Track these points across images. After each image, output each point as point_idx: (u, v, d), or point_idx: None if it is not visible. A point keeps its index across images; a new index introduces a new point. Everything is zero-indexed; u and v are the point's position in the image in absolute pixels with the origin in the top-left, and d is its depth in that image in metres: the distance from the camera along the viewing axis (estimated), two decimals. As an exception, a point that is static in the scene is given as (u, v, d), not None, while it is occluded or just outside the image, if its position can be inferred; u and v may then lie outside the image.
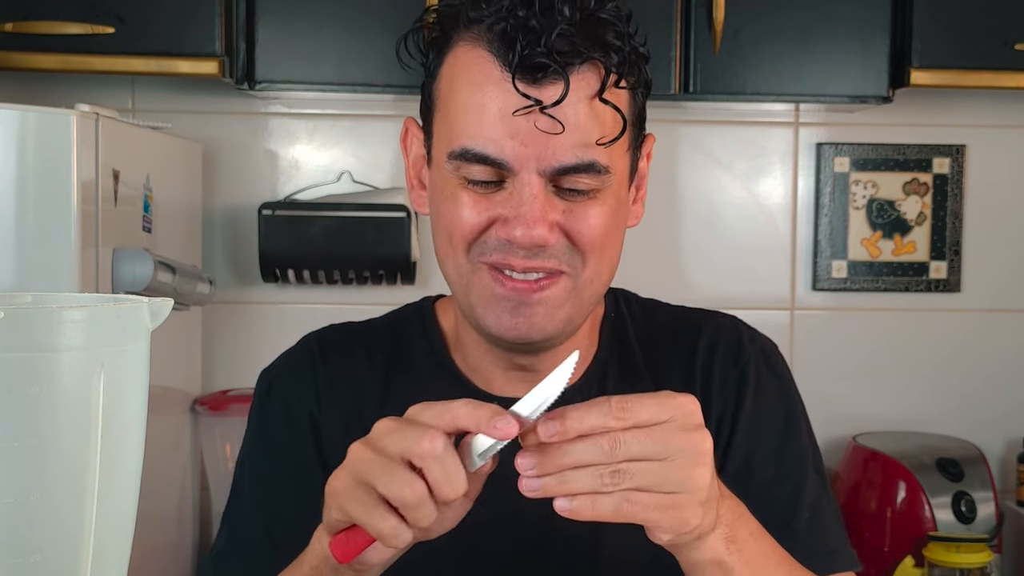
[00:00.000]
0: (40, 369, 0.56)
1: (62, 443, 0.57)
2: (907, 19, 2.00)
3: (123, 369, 0.60)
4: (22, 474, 0.57)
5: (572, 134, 0.96)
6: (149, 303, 0.62)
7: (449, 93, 1.02)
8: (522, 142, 0.96)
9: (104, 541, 0.60)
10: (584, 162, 0.97)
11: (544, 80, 0.95)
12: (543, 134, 0.96)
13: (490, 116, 0.97)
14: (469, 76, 0.99)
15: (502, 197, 0.99)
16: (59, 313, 0.57)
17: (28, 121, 1.53)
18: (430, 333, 1.15)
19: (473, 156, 0.98)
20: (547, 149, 0.96)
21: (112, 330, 0.59)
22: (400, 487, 0.80)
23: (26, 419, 0.56)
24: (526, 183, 0.97)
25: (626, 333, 1.15)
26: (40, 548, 0.58)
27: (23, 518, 0.57)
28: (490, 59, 0.98)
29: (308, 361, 1.16)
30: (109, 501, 0.60)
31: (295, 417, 1.14)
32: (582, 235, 1.00)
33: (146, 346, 0.62)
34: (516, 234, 0.98)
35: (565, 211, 1.00)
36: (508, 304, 1.01)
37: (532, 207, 0.97)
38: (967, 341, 2.38)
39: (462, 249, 1.02)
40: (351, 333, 1.19)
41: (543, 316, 1.02)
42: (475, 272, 1.02)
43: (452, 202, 1.01)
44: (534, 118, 0.95)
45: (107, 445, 0.59)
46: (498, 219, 1.00)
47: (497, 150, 0.97)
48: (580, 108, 0.97)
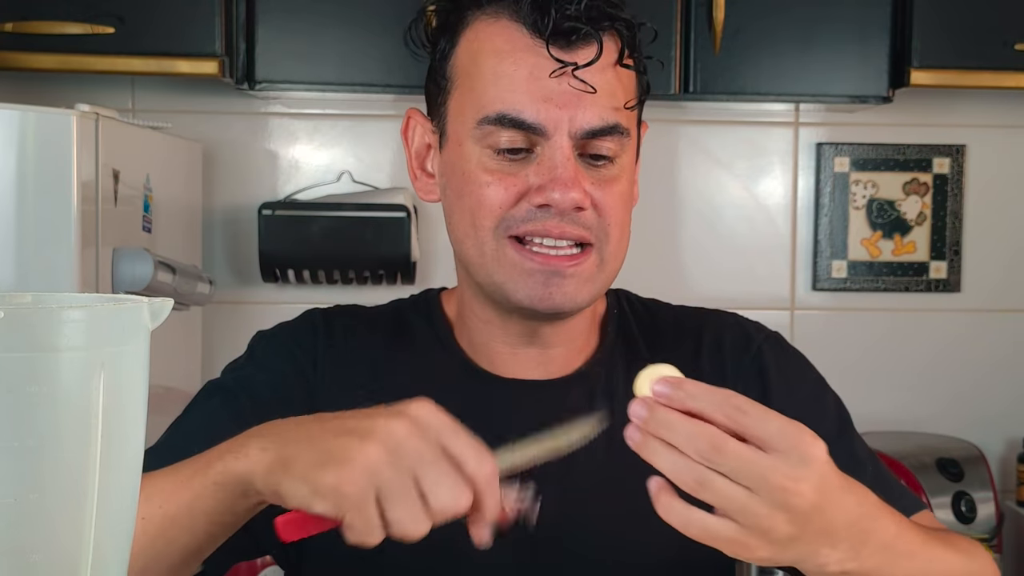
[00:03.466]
0: (40, 369, 0.56)
1: (62, 443, 0.57)
2: (907, 19, 2.00)
3: (123, 369, 0.60)
4: (21, 474, 0.56)
5: (602, 96, 1.01)
6: (149, 303, 0.62)
7: (472, 66, 1.04)
8: (556, 104, 1.00)
9: (104, 541, 0.60)
10: (610, 124, 1.01)
11: (577, 44, 1.00)
12: (576, 96, 1.00)
13: (523, 81, 1.00)
14: (495, 47, 1.02)
15: (531, 168, 1.02)
16: (59, 313, 0.57)
17: (28, 121, 1.53)
18: (434, 317, 1.16)
19: (509, 120, 1.00)
20: (579, 110, 1.00)
21: (112, 330, 0.59)
22: (409, 528, 0.79)
23: (26, 419, 0.56)
24: (559, 147, 1.00)
25: (630, 328, 1.16)
26: (39, 548, 0.58)
27: (22, 518, 0.57)
28: (517, 28, 1.01)
29: (311, 330, 1.16)
30: (109, 501, 0.60)
31: (285, 365, 1.12)
32: (608, 206, 1.03)
33: (146, 346, 0.62)
34: (555, 196, 1.00)
35: (593, 182, 1.03)
36: (540, 276, 1.03)
37: (567, 168, 1.00)
38: (967, 341, 2.38)
39: (488, 227, 1.03)
40: (357, 317, 1.20)
41: (574, 288, 1.03)
42: (501, 249, 1.03)
43: (476, 181, 1.03)
44: (566, 80, 1.00)
45: (107, 445, 0.59)
46: (528, 190, 1.01)
47: (533, 113, 1.00)
48: (607, 73, 1.01)
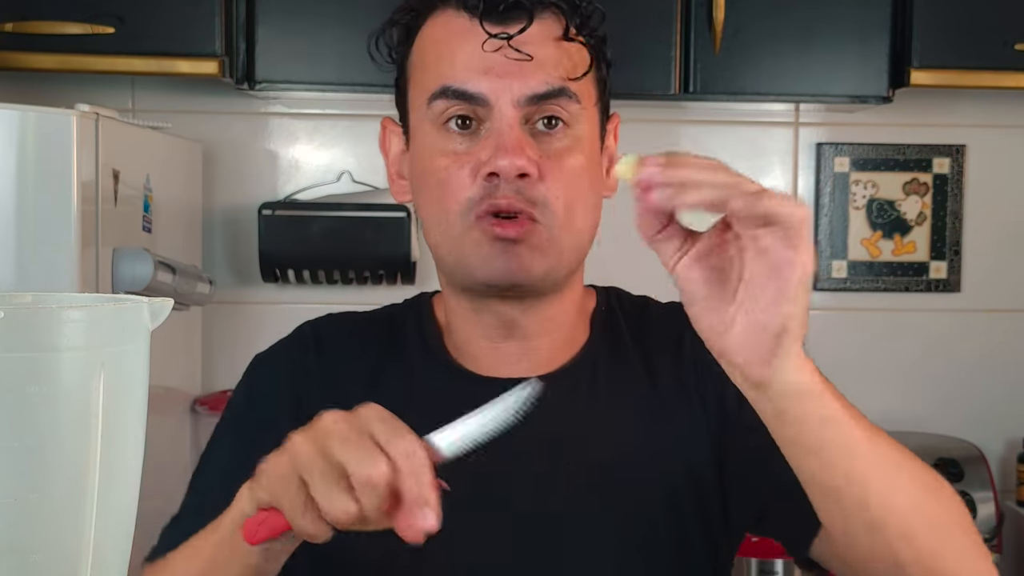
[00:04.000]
0: (40, 369, 0.56)
1: (62, 443, 0.57)
2: (907, 19, 2.00)
3: (123, 369, 0.60)
4: (22, 474, 0.56)
5: (543, 66, 1.03)
6: (149, 303, 0.62)
7: (420, 57, 1.09)
8: (496, 74, 1.03)
9: (104, 541, 0.60)
10: (555, 87, 1.04)
11: (510, 18, 1.03)
12: (516, 65, 1.03)
13: (462, 56, 1.04)
14: (437, 36, 1.07)
15: (480, 143, 1.04)
16: (59, 313, 0.57)
17: (28, 121, 1.53)
18: (424, 323, 1.17)
19: (452, 92, 1.04)
20: (519, 78, 1.03)
21: (112, 330, 0.59)
22: (332, 503, 0.78)
23: (26, 419, 0.56)
24: (502, 115, 1.03)
25: (617, 325, 1.16)
26: (39, 548, 0.58)
27: (22, 518, 0.57)
28: (456, 15, 1.05)
29: (300, 346, 1.18)
30: (109, 501, 0.60)
31: (282, 393, 1.14)
32: (555, 179, 1.04)
33: (146, 346, 0.62)
34: (501, 164, 1.01)
35: (540, 154, 1.04)
36: (498, 248, 1.04)
37: (511, 136, 1.02)
38: (967, 341, 2.38)
39: (455, 211, 1.04)
40: (345, 321, 1.21)
41: (527, 256, 1.04)
42: (467, 231, 1.04)
43: (436, 166, 1.05)
44: (504, 52, 1.03)
45: (107, 445, 0.59)
46: (481, 164, 1.03)
47: (474, 84, 1.03)
48: (548, 46, 1.04)
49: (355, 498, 0.78)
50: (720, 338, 0.82)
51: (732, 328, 0.81)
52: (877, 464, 0.87)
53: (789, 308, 0.78)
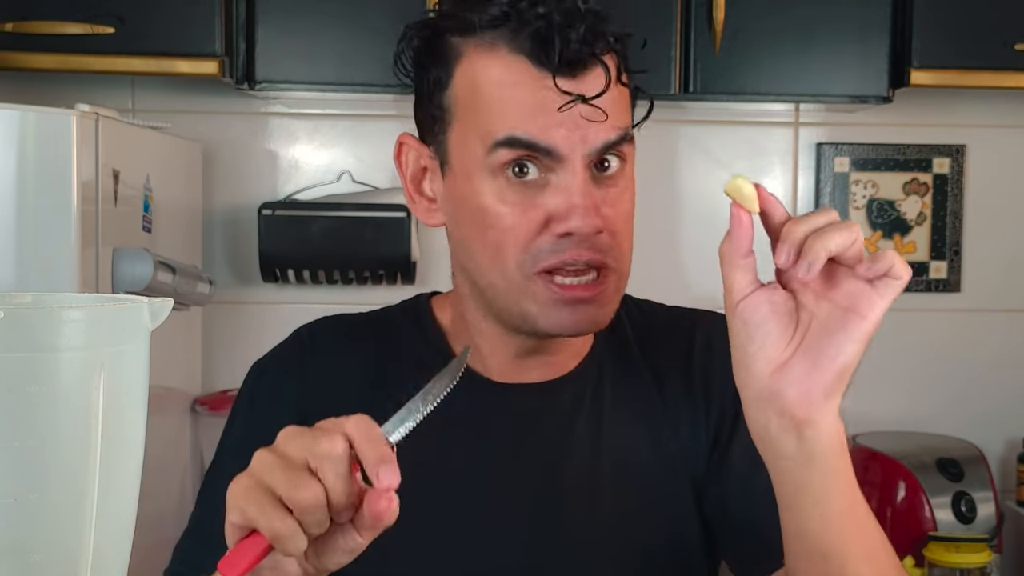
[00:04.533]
0: (40, 369, 0.56)
1: (62, 443, 0.57)
2: (907, 19, 2.00)
3: (123, 369, 0.60)
4: (22, 474, 0.56)
5: (611, 115, 1.01)
6: (149, 303, 0.62)
7: (474, 98, 1.03)
8: (567, 128, 1.00)
9: (104, 541, 0.60)
10: (622, 135, 1.03)
11: (582, 72, 1.00)
12: (585, 120, 1.00)
13: (531, 108, 1.00)
14: (497, 78, 1.01)
15: (548, 194, 1.01)
16: (59, 313, 0.57)
17: (28, 121, 1.53)
18: (425, 326, 1.16)
19: (520, 143, 1.00)
20: (590, 131, 1.00)
21: (112, 330, 0.59)
22: (296, 488, 0.78)
23: (26, 419, 0.56)
24: (574, 171, 1.00)
25: (623, 329, 1.16)
26: (39, 548, 0.58)
27: (23, 517, 0.57)
28: (517, 59, 1.00)
29: (297, 353, 1.17)
30: (109, 501, 0.60)
31: (282, 405, 1.14)
32: (619, 227, 1.03)
33: (146, 346, 0.62)
34: (576, 224, 1.00)
35: (603, 202, 1.02)
36: (567, 307, 1.03)
37: (586, 195, 1.00)
38: (967, 341, 2.38)
39: (515, 260, 1.02)
40: (342, 325, 1.20)
41: (597, 311, 1.04)
42: (529, 282, 1.03)
43: (495, 213, 1.02)
44: (577, 109, 0.99)
45: (107, 445, 0.59)
46: (548, 218, 1.01)
47: (546, 138, 1.00)
48: (612, 91, 1.01)
49: (318, 479, 0.78)
50: (776, 373, 0.82)
51: (791, 364, 0.81)
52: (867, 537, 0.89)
53: (855, 348, 0.80)
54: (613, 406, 1.11)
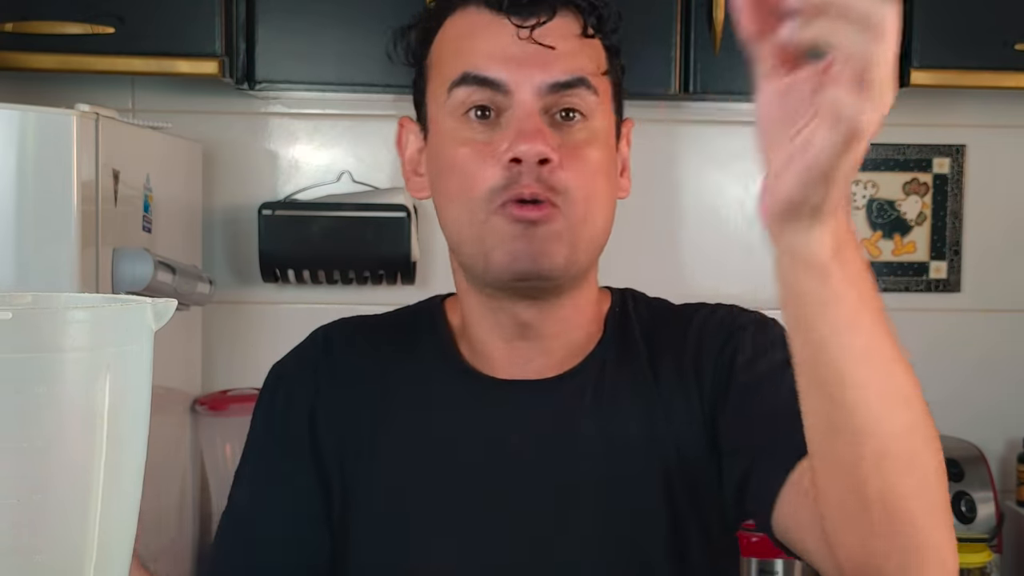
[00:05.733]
0: (45, 370, 0.56)
1: (66, 444, 0.57)
2: (907, 19, 2.00)
3: (127, 370, 0.60)
4: (25, 475, 0.56)
5: (565, 55, 1.05)
6: (153, 304, 0.62)
7: (439, 53, 1.10)
8: (517, 62, 1.04)
9: (107, 541, 0.60)
10: (576, 77, 1.05)
11: (535, 12, 1.05)
12: (537, 53, 1.04)
13: (484, 45, 1.06)
14: (459, 31, 1.09)
15: (501, 131, 1.05)
16: (64, 314, 0.57)
17: (28, 121, 1.53)
18: (438, 326, 1.17)
19: (472, 78, 1.05)
20: (541, 67, 1.05)
21: (116, 331, 0.59)
22: None
23: (32, 420, 0.56)
24: (522, 103, 1.04)
25: (630, 327, 1.16)
26: (43, 548, 0.58)
27: (26, 518, 0.57)
28: (477, 12, 1.07)
29: (313, 355, 1.18)
30: (113, 502, 0.60)
31: (297, 413, 1.15)
32: (574, 168, 1.05)
33: (150, 347, 0.62)
34: (521, 149, 1.02)
35: (561, 143, 1.05)
36: (520, 232, 1.04)
37: (531, 121, 1.03)
38: (967, 341, 2.38)
39: (478, 197, 1.05)
40: (359, 328, 1.21)
41: (548, 242, 1.04)
42: (490, 218, 1.05)
43: (456, 156, 1.06)
44: (528, 44, 1.05)
45: (111, 446, 0.59)
46: (502, 152, 1.04)
47: (495, 70, 1.04)
48: (569, 40, 1.06)
49: None
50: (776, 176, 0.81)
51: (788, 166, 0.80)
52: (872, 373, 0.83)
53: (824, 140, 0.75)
54: (611, 402, 1.11)
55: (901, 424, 0.84)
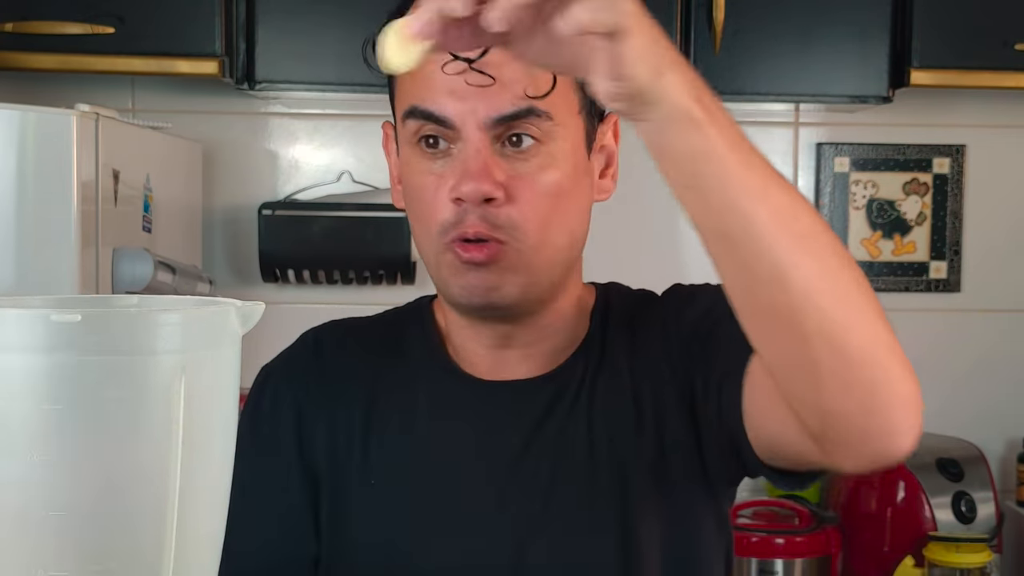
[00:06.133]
0: (122, 373, 0.55)
1: (141, 450, 0.56)
2: (907, 19, 2.00)
3: (209, 375, 0.58)
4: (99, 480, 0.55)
5: (506, 86, 1.00)
6: (239, 307, 0.61)
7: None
8: (459, 97, 1.01)
9: (187, 551, 0.58)
10: (521, 108, 1.01)
11: None
12: (478, 88, 1.00)
13: (429, 76, 1.02)
14: None
15: (451, 164, 1.03)
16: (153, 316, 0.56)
17: (28, 121, 1.53)
18: (425, 327, 1.17)
19: (420, 113, 1.03)
20: (483, 101, 1.01)
21: (199, 335, 0.58)
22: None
23: (107, 424, 0.55)
24: (468, 139, 1.01)
25: (613, 322, 1.16)
26: (118, 555, 0.57)
27: (101, 524, 0.56)
28: None
29: (302, 357, 1.18)
30: (191, 510, 0.59)
31: (283, 416, 1.15)
32: (526, 200, 1.02)
33: (235, 352, 0.61)
34: (464, 190, 1.00)
35: (512, 174, 1.02)
36: (469, 271, 1.04)
37: (476, 160, 1.01)
38: (967, 341, 2.38)
39: (433, 230, 1.04)
40: (349, 329, 1.21)
41: (497, 278, 1.03)
42: (442, 253, 1.04)
43: (416, 185, 1.05)
44: (467, 76, 1.00)
45: (190, 452, 0.57)
46: (451, 187, 1.02)
47: (439, 107, 1.02)
48: (513, 65, 0.99)
49: None
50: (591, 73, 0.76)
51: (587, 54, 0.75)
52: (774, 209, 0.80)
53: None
54: (598, 402, 1.11)
55: (819, 253, 0.82)
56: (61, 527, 0.55)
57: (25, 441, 0.54)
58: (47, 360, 0.54)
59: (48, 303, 0.59)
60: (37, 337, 0.54)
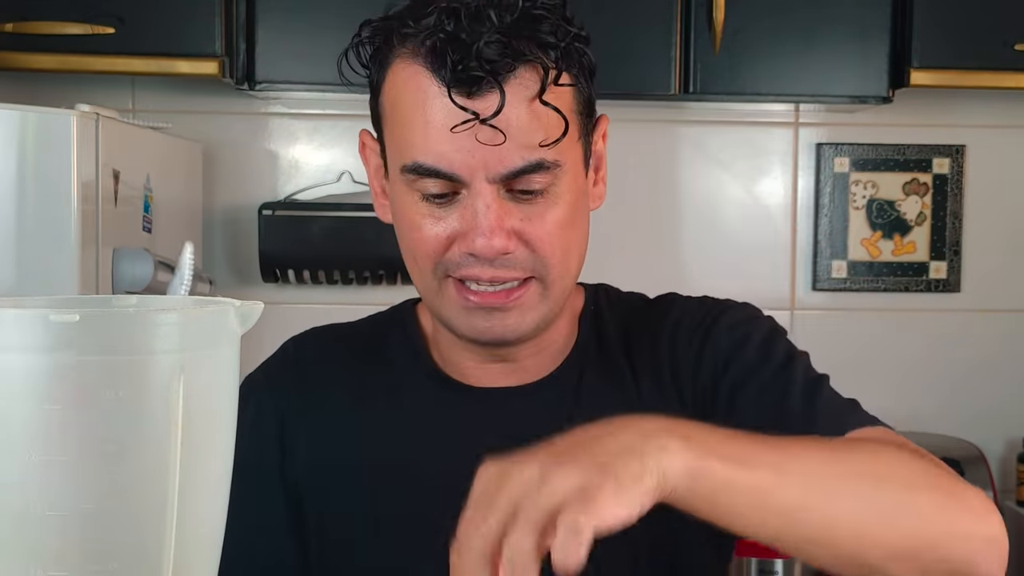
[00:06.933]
0: (121, 373, 0.55)
1: (142, 449, 0.56)
2: (907, 19, 2.00)
3: (208, 374, 0.58)
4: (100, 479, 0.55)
5: (515, 139, 0.96)
6: (238, 307, 0.61)
7: (394, 108, 1.03)
8: (469, 154, 0.97)
9: (188, 550, 0.58)
10: (531, 163, 0.97)
11: (479, 92, 0.95)
12: (488, 146, 0.96)
13: (435, 131, 0.97)
14: (408, 91, 1.00)
15: (458, 211, 1.00)
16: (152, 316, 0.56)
17: (28, 121, 1.53)
18: (409, 332, 1.16)
19: (424, 170, 0.99)
20: (493, 157, 0.96)
21: (197, 335, 0.58)
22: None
23: (106, 424, 0.55)
24: (478, 193, 0.98)
25: (604, 325, 1.15)
26: (118, 555, 0.57)
27: (100, 524, 0.56)
28: (427, 74, 0.98)
29: (282, 368, 1.17)
30: (191, 510, 0.58)
31: (265, 428, 1.13)
32: (541, 240, 1.01)
33: (234, 351, 0.61)
34: (476, 246, 0.98)
35: (522, 218, 1.00)
36: (480, 313, 1.02)
37: (487, 217, 0.98)
38: (967, 341, 2.38)
39: (428, 267, 1.02)
40: (332, 336, 1.19)
41: (517, 319, 1.02)
42: (442, 287, 1.03)
43: (411, 221, 1.02)
44: (476, 131, 0.96)
45: (190, 452, 0.57)
46: (457, 235, 1.00)
47: (447, 164, 0.97)
48: (521, 112, 0.96)
49: None
50: None
51: None
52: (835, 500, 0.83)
53: None
54: (593, 407, 1.10)
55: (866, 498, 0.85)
56: (61, 527, 0.55)
57: (25, 441, 0.54)
58: (47, 360, 0.54)
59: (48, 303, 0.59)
60: (37, 337, 0.54)
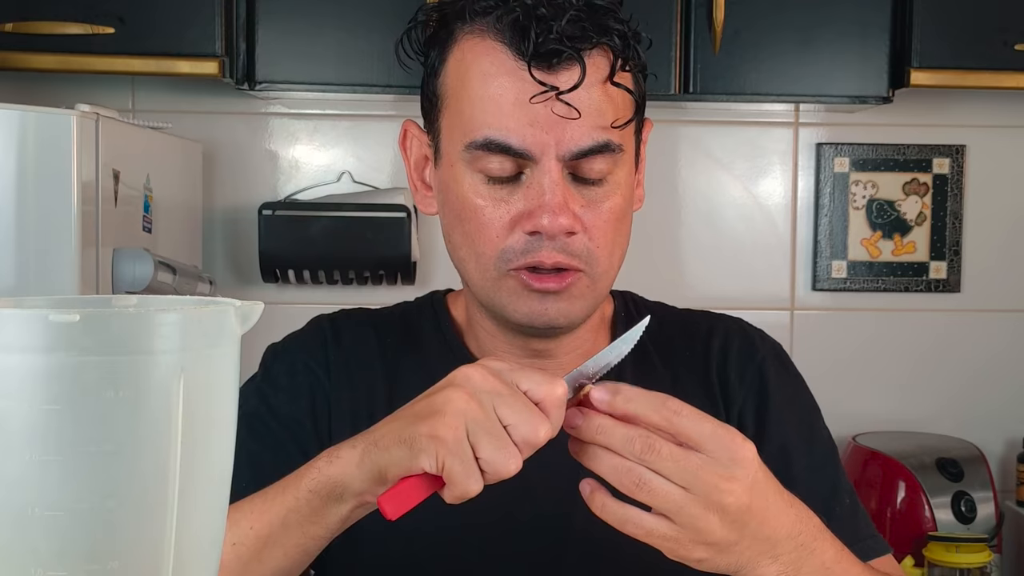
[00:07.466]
0: (120, 373, 0.55)
1: (141, 449, 0.55)
2: (907, 19, 2.00)
3: (208, 374, 0.58)
4: (99, 480, 0.55)
5: (588, 118, 0.99)
6: (238, 306, 0.61)
7: (460, 87, 1.03)
8: (542, 128, 0.98)
9: (188, 550, 0.58)
10: (600, 143, 0.99)
11: (559, 66, 0.98)
12: (561, 120, 0.98)
13: (508, 105, 0.99)
14: (481, 68, 1.01)
15: (521, 192, 1.01)
16: (152, 316, 0.56)
17: (28, 121, 1.53)
18: (441, 322, 1.17)
19: (495, 146, 0.99)
20: (565, 133, 0.98)
21: (197, 334, 0.58)
22: (505, 462, 0.82)
23: (105, 424, 0.54)
24: (547, 171, 0.99)
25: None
26: (118, 555, 0.56)
27: (100, 524, 0.56)
28: (502, 49, 0.99)
29: (320, 338, 1.16)
30: (191, 510, 0.58)
31: (299, 381, 1.13)
32: (597, 228, 1.02)
33: (234, 351, 0.61)
34: (543, 223, 0.99)
35: (583, 204, 1.02)
36: (536, 296, 1.03)
37: (555, 194, 0.99)
38: (967, 341, 2.38)
39: (490, 256, 1.03)
40: (362, 318, 1.20)
41: (567, 304, 1.04)
42: (503, 278, 1.03)
43: (472, 205, 1.02)
44: (551, 105, 0.98)
45: (190, 452, 0.57)
46: (521, 215, 1.00)
47: (519, 139, 0.98)
48: (594, 92, 0.99)
49: (518, 454, 0.82)
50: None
51: None
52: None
53: None
54: None
55: None
56: (60, 527, 0.55)
57: (24, 441, 0.54)
58: (46, 360, 0.54)
59: (48, 303, 0.59)
60: (36, 337, 0.54)
